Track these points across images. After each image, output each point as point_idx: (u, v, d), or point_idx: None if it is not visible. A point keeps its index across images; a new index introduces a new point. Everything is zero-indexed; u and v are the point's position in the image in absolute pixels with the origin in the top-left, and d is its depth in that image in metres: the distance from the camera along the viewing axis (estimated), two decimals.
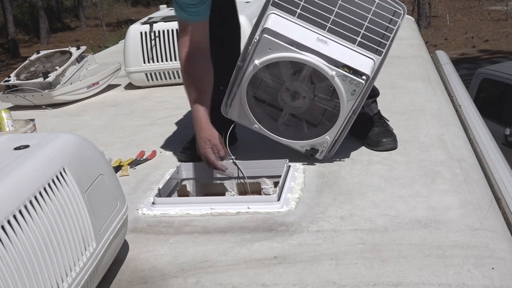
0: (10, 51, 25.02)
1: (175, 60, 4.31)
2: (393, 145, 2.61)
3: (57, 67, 4.18)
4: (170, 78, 4.40)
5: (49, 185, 1.46)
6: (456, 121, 3.04)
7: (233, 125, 2.58)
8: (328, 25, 2.30)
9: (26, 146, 1.57)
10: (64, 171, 1.54)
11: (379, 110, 2.80)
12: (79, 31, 29.81)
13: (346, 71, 2.28)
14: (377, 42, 2.31)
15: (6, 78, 4.27)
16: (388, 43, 2.31)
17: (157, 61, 4.34)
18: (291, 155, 2.53)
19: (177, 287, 1.73)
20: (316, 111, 2.42)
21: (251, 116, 2.47)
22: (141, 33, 4.33)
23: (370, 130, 2.68)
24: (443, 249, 1.78)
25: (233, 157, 2.48)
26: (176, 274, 1.80)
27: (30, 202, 1.38)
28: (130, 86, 4.56)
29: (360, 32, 2.29)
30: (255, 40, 2.31)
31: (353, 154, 2.59)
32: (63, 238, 1.46)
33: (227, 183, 2.51)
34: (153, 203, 2.26)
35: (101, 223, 1.65)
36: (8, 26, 25.04)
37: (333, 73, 2.27)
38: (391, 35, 2.31)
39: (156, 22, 4.35)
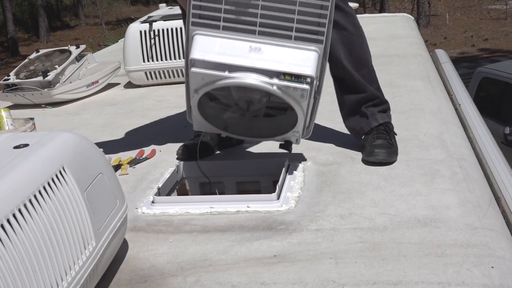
0: (9, 50, 25.02)
1: (175, 59, 4.31)
2: (385, 156, 2.45)
3: (57, 66, 4.18)
4: (169, 77, 4.40)
5: (48, 184, 1.46)
6: (455, 120, 3.04)
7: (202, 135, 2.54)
8: (257, 29, 2.15)
9: (26, 145, 1.57)
10: (64, 170, 1.54)
11: (387, 122, 2.62)
12: (79, 29, 29.80)
13: (287, 79, 2.14)
14: (314, 31, 2.15)
15: (6, 77, 4.27)
16: (325, 30, 2.13)
17: (157, 60, 4.34)
18: (290, 154, 2.53)
19: (176, 286, 1.74)
20: (276, 107, 2.29)
21: (214, 128, 2.42)
22: (140, 32, 4.33)
23: (371, 140, 2.53)
24: (443, 248, 1.78)
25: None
26: (175, 273, 1.80)
27: (30, 201, 1.38)
28: (129, 85, 4.56)
29: (293, 26, 2.14)
30: (188, 65, 2.21)
31: (353, 152, 2.59)
32: (63, 237, 1.46)
33: (226, 182, 2.51)
34: (152, 202, 2.25)
35: (101, 222, 1.65)
36: (8, 24, 25.03)
37: (274, 87, 2.13)
38: (326, 21, 2.13)
39: (155, 21, 4.35)
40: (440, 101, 3.28)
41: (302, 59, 2.14)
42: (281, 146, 2.43)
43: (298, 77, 2.13)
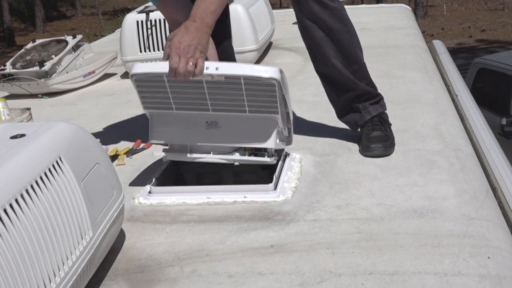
0: (5, 40, 24.94)
1: None
2: (381, 151, 2.43)
3: (53, 56, 4.16)
4: None
5: (45, 174, 1.46)
6: (452, 110, 3.04)
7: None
8: (210, 107, 2.15)
9: (22, 135, 1.57)
10: (61, 160, 1.54)
11: (380, 112, 2.58)
12: (75, 19, 29.71)
13: (248, 151, 2.20)
14: (267, 106, 2.13)
15: (2, 67, 4.25)
16: (277, 104, 2.11)
17: (153, 50, 4.32)
18: (287, 145, 2.53)
19: (173, 276, 1.74)
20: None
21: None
22: (137, 22, 4.31)
23: (366, 133, 2.51)
24: (439, 238, 1.79)
25: None
26: (172, 263, 1.81)
27: (27, 191, 1.38)
28: (126, 75, 4.55)
29: (244, 104, 2.13)
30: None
31: (350, 143, 2.59)
32: (60, 227, 1.46)
33: (224, 172, 2.51)
34: (149, 192, 2.25)
35: (98, 212, 1.65)
36: (4, 14, 24.96)
37: (237, 163, 2.20)
38: (277, 99, 2.10)
39: (152, 11, 4.33)
40: (437, 92, 3.28)
41: (260, 130, 2.18)
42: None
43: (259, 149, 2.21)
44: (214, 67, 2.03)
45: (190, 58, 1.98)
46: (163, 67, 2.05)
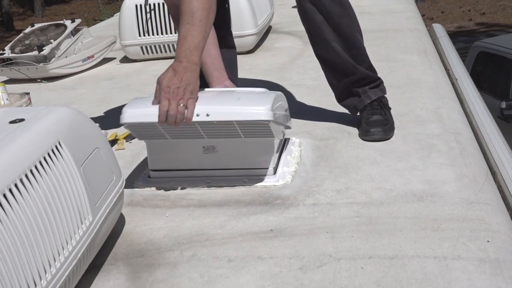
0: (4, 24, 24.84)
1: (171, 33, 4.28)
2: (381, 135, 2.44)
3: (52, 40, 4.15)
4: (165, 52, 4.38)
5: (44, 158, 1.46)
6: (452, 94, 3.04)
7: None
8: (204, 136, 2.12)
9: (21, 120, 1.56)
10: (60, 145, 1.54)
11: (380, 96, 2.57)
12: (74, 3, 29.56)
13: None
14: (261, 134, 2.11)
15: (1, 51, 4.24)
16: (272, 133, 2.09)
17: (152, 34, 4.31)
18: (286, 129, 2.53)
19: (173, 260, 1.74)
20: None
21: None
22: (136, 6, 4.30)
23: (366, 117, 2.51)
24: (439, 222, 1.79)
25: None
26: (172, 247, 1.81)
27: (26, 175, 1.38)
28: (125, 60, 4.54)
29: (239, 133, 2.09)
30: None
31: (349, 127, 2.59)
32: (59, 212, 1.46)
33: None
34: (149, 176, 2.26)
35: (97, 197, 1.65)
36: None
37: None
38: (271, 131, 2.06)
39: None
40: (436, 76, 3.27)
41: (258, 152, 2.18)
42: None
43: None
44: (205, 114, 2.00)
45: (180, 100, 1.96)
46: (154, 115, 2.00)
